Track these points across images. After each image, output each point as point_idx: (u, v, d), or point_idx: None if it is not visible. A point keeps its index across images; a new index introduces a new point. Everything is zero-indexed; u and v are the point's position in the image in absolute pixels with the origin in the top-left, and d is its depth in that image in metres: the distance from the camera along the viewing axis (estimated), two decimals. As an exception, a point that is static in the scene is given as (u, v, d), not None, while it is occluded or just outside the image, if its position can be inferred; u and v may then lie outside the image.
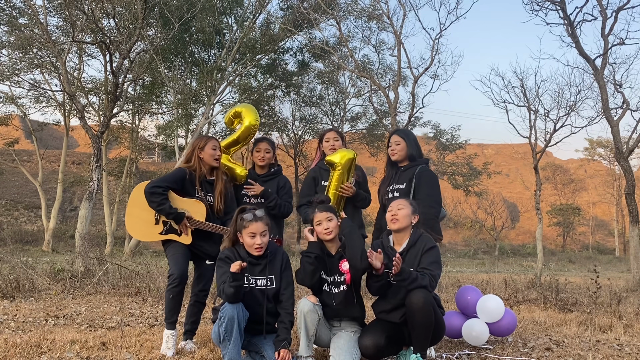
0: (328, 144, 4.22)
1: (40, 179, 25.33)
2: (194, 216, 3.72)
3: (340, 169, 3.98)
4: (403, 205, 3.48)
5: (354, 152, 4.10)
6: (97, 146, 10.85)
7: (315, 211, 3.40)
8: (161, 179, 3.75)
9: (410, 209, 3.48)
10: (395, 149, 4.10)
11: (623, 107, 13.07)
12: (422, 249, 3.38)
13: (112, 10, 12.12)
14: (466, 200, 39.70)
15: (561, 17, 12.61)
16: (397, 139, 4.12)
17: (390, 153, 4.15)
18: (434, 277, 3.27)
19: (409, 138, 4.12)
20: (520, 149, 57.51)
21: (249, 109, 4.23)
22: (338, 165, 3.98)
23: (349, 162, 3.99)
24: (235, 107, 4.31)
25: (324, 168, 4.21)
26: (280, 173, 4.28)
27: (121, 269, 8.06)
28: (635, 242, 11.71)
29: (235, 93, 23.07)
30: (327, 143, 4.23)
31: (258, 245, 3.22)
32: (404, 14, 15.05)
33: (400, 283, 3.21)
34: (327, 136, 4.27)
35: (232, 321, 2.99)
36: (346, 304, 3.37)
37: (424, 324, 3.17)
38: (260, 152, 4.18)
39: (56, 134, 41.94)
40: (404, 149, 4.07)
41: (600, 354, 3.82)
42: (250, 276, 3.25)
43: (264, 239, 3.24)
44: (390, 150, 4.16)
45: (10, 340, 3.68)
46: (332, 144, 4.20)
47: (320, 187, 4.20)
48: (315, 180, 4.25)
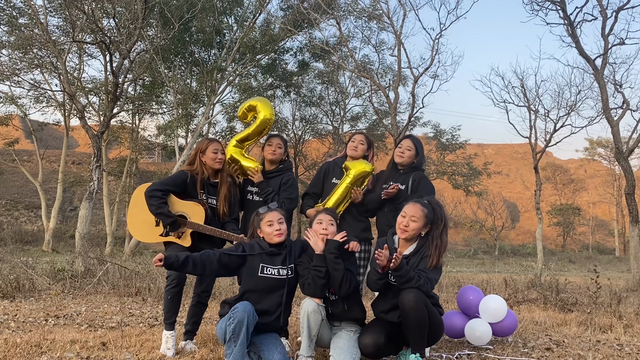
0: (353, 144, 4.26)
1: (40, 179, 25.33)
2: (193, 219, 3.70)
3: (351, 178, 4.07)
4: (417, 217, 3.33)
5: (372, 166, 4.16)
6: (97, 146, 10.85)
7: (322, 212, 3.45)
8: (162, 182, 3.75)
9: (423, 222, 3.34)
10: (405, 154, 4.14)
11: (623, 107, 13.08)
12: (424, 254, 3.36)
13: (112, 10, 12.11)
14: (466, 200, 39.72)
15: (561, 17, 12.63)
16: (410, 145, 4.16)
17: (398, 155, 4.16)
18: (430, 280, 3.24)
19: (421, 148, 4.21)
20: (520, 149, 57.58)
21: (265, 103, 4.19)
22: (350, 174, 4.08)
23: (361, 174, 4.08)
24: (250, 101, 4.25)
25: (339, 165, 4.27)
26: (287, 170, 4.24)
27: (121, 269, 8.06)
28: (635, 242, 11.71)
29: (235, 93, 23.08)
30: (352, 143, 4.28)
31: (277, 231, 3.28)
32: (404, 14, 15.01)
33: (398, 280, 3.20)
34: (354, 137, 4.32)
35: (241, 324, 2.98)
36: (347, 308, 3.38)
37: (417, 323, 3.16)
38: (272, 146, 4.15)
39: (56, 134, 41.95)
40: (413, 157, 4.14)
41: (600, 354, 3.82)
42: (272, 267, 3.28)
43: (282, 225, 3.31)
44: (399, 151, 4.17)
45: (10, 340, 3.68)
46: (356, 145, 4.25)
47: (330, 184, 4.22)
48: (326, 174, 4.29)
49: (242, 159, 4.13)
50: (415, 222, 3.33)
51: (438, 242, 3.33)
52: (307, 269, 3.29)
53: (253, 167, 4.10)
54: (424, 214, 3.35)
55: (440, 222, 3.38)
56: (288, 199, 4.03)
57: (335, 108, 27.59)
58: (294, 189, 4.10)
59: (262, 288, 3.26)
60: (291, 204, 4.04)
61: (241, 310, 3.01)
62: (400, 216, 3.41)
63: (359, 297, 3.60)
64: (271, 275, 3.27)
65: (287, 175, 4.17)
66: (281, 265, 3.31)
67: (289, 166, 4.27)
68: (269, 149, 4.15)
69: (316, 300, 3.26)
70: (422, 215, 3.34)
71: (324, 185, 4.28)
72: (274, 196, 4.02)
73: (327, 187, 4.24)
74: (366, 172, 4.10)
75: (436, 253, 3.30)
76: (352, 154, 4.24)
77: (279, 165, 4.21)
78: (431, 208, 3.40)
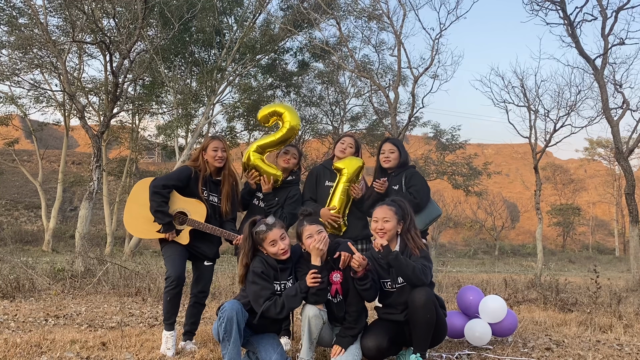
0: (342, 146, 4.27)
1: (40, 179, 25.33)
2: (194, 216, 3.70)
3: (346, 176, 4.05)
4: (389, 217, 3.41)
5: (362, 160, 4.16)
6: (97, 146, 10.85)
7: (304, 224, 3.31)
8: (167, 177, 3.75)
9: (396, 220, 3.41)
10: (390, 157, 4.20)
11: (623, 107, 13.08)
12: (409, 253, 3.38)
13: (112, 10, 12.11)
14: (466, 200, 39.72)
15: (561, 17, 12.63)
16: (391, 148, 4.22)
17: (384, 160, 4.23)
18: (426, 266, 3.27)
19: (401, 146, 4.27)
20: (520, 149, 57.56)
21: (292, 111, 4.16)
22: (345, 173, 4.06)
23: (355, 171, 4.08)
24: (276, 106, 4.21)
25: (328, 168, 4.25)
26: (295, 183, 4.25)
27: (121, 269, 8.06)
28: (635, 242, 11.72)
29: (235, 93, 23.10)
30: (341, 145, 4.28)
31: (282, 250, 3.25)
32: (404, 14, 15.04)
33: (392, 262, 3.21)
34: (343, 139, 4.33)
35: (231, 322, 3.01)
36: (348, 312, 3.36)
37: (425, 322, 3.18)
38: (287, 154, 4.18)
39: (56, 134, 41.95)
40: (398, 158, 4.21)
41: (600, 354, 3.82)
42: (281, 282, 3.26)
43: (285, 242, 3.27)
44: (383, 157, 4.23)
45: (10, 340, 3.68)
46: (345, 147, 4.25)
47: (324, 187, 4.20)
48: (317, 178, 4.28)
49: (264, 166, 4.08)
50: (389, 222, 3.39)
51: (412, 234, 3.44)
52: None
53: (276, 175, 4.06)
54: (393, 212, 3.43)
55: (408, 216, 3.48)
56: (291, 214, 4.04)
57: (335, 108, 27.60)
58: (298, 205, 4.08)
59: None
60: (293, 219, 4.04)
61: (229, 308, 3.04)
62: (372, 223, 3.47)
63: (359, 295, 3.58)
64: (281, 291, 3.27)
65: (295, 190, 4.19)
66: (288, 277, 3.31)
67: (297, 180, 4.28)
68: (284, 157, 4.18)
69: (318, 305, 3.25)
70: (392, 214, 3.42)
71: (317, 190, 4.25)
72: (277, 210, 4.02)
73: (321, 191, 4.22)
74: (359, 167, 4.12)
75: (415, 244, 3.38)
76: (340, 156, 4.25)
77: (288, 176, 4.21)
78: (397, 205, 3.49)
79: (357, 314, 3.32)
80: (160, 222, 3.62)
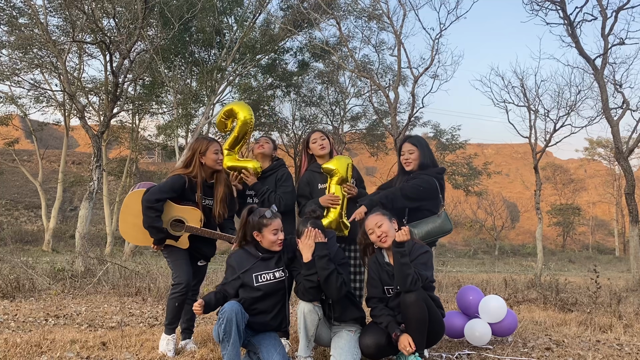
0: (316, 144, 4.11)
1: (40, 179, 25.33)
2: (190, 223, 3.67)
3: (339, 176, 3.95)
4: (379, 220, 3.40)
5: (349, 158, 4.10)
6: (97, 146, 10.86)
7: (308, 226, 3.32)
8: (160, 190, 3.59)
9: (387, 219, 3.41)
10: (409, 159, 3.96)
11: (623, 107, 13.10)
12: (415, 256, 3.38)
13: (112, 10, 12.12)
14: (466, 200, 39.72)
15: (561, 17, 12.65)
16: (410, 148, 3.96)
17: (405, 163, 3.98)
18: (421, 275, 3.26)
19: (422, 145, 3.99)
20: (520, 149, 57.60)
21: (240, 104, 4.19)
22: (336, 172, 3.94)
23: (346, 169, 3.96)
24: (224, 108, 4.26)
25: (317, 171, 4.11)
26: (280, 166, 4.20)
27: (121, 269, 8.06)
28: (635, 242, 11.72)
29: (235, 93, 23.10)
30: (314, 144, 4.12)
31: (280, 241, 3.32)
32: (404, 14, 15.06)
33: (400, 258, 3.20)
34: (313, 137, 4.16)
35: (230, 323, 3.02)
36: (343, 310, 3.39)
37: (416, 319, 3.18)
38: (259, 142, 4.23)
39: (56, 134, 41.95)
40: (418, 157, 3.95)
41: (600, 354, 3.82)
42: (266, 272, 3.30)
43: (282, 234, 3.34)
44: (403, 159, 3.99)
45: (10, 340, 3.68)
46: (320, 143, 4.09)
47: (319, 191, 4.09)
48: (310, 184, 4.13)
49: (240, 163, 4.10)
50: (383, 224, 3.39)
51: None
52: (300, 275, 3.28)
53: (253, 166, 4.09)
54: (381, 215, 3.44)
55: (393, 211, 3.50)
56: (285, 193, 4.01)
57: (335, 108, 27.61)
58: (289, 182, 4.08)
59: (262, 295, 3.27)
60: (289, 197, 4.01)
61: (228, 309, 3.05)
62: (370, 236, 3.43)
63: (355, 298, 3.60)
64: (267, 281, 3.28)
65: (282, 171, 4.15)
66: (275, 268, 3.32)
67: (281, 162, 4.26)
68: (257, 145, 4.22)
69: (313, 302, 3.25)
70: (380, 217, 3.42)
71: (311, 194, 4.14)
72: (271, 194, 4.00)
73: (317, 195, 4.09)
74: (349, 165, 4.00)
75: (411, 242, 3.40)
76: (322, 153, 4.09)
77: (272, 163, 4.21)
78: (377, 207, 3.53)
79: None
80: (154, 237, 3.58)
